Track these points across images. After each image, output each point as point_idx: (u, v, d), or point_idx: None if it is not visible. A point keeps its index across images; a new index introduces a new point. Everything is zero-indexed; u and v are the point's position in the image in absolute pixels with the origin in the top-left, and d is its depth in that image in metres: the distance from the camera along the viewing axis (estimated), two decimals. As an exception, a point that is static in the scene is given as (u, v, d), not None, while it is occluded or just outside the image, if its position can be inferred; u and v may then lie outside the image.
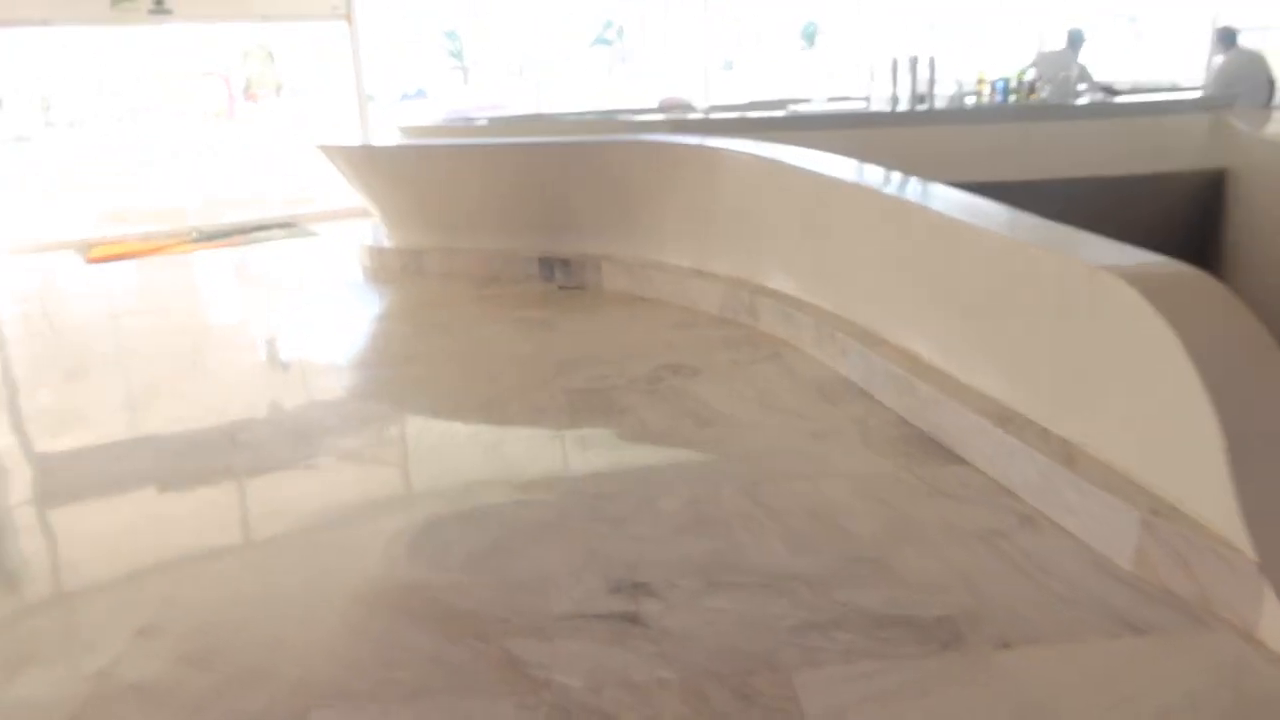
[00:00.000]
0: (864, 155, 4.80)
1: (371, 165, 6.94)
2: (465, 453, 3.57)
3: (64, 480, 3.51)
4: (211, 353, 5.30)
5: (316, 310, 6.13)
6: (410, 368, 4.67)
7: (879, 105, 7.06)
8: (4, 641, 2.45)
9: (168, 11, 8.89)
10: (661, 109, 8.84)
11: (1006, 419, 3.10)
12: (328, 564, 2.76)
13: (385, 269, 6.97)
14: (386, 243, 7.13)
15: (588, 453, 3.49)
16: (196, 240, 9.00)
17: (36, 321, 6.43)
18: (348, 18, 9.83)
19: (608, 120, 6.35)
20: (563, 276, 6.08)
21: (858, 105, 7.91)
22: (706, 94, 10.43)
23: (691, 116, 6.73)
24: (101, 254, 8.42)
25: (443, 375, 4.51)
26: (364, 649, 2.31)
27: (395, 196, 7.01)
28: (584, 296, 5.83)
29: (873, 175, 4.33)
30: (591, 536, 2.82)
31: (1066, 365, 2.95)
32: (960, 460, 3.23)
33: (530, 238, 6.31)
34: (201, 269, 7.79)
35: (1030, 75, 7.77)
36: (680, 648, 2.26)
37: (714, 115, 7.41)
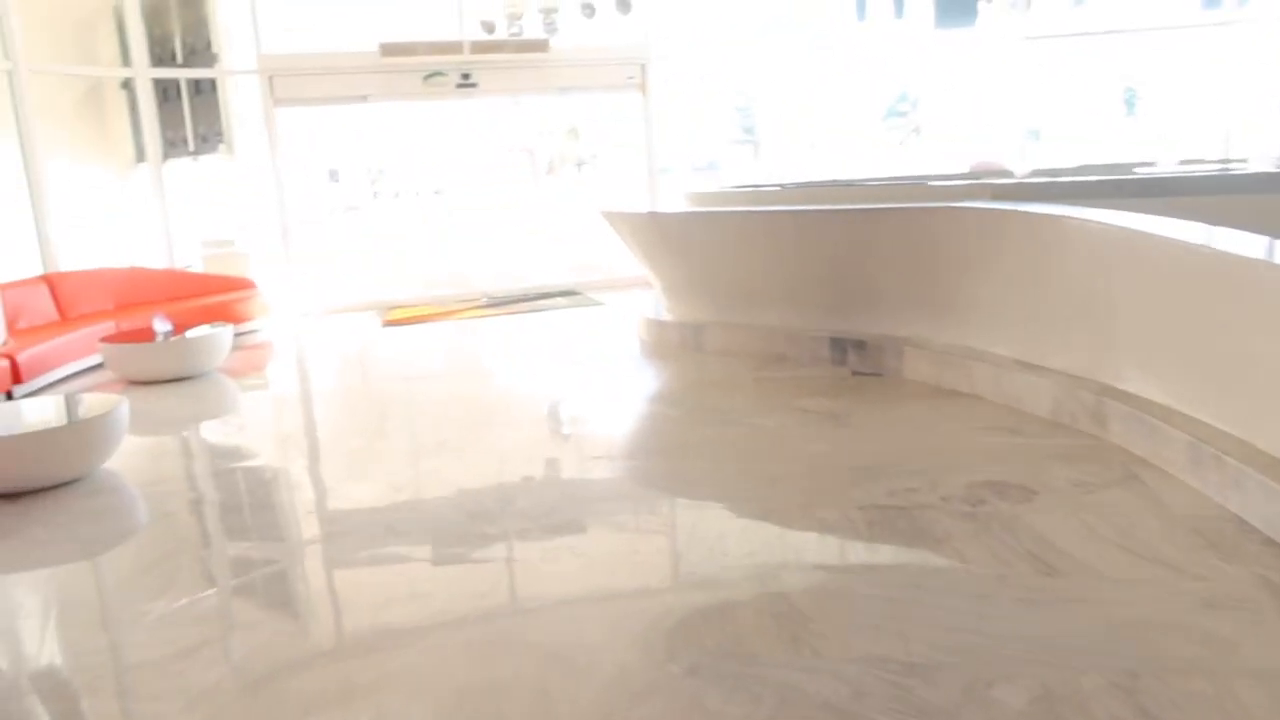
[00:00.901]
0: (1251, 227, 3.73)
1: (652, 232, 6.62)
2: (734, 581, 2.92)
3: (344, 531, 3.56)
4: (492, 420, 5.11)
5: (594, 385, 5.80)
6: (683, 460, 4.13)
7: (1264, 165, 5.79)
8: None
9: (473, 85, 9.20)
10: (973, 174, 7.93)
11: None
12: (587, 638, 2.54)
13: (663, 343, 6.57)
14: (666, 315, 6.75)
15: (891, 600, 2.73)
16: (486, 306, 9.13)
17: (337, 382, 6.59)
18: (641, 87, 9.76)
19: (915, 185, 5.62)
20: (857, 361, 5.36)
21: (1218, 168, 6.61)
22: (1022, 159, 9.38)
23: (1009, 181, 5.82)
24: (397, 317, 8.71)
25: (718, 472, 3.92)
26: None
27: (675, 265, 6.62)
28: (881, 386, 5.07)
29: (1286, 251, 3.29)
30: (900, 735, 2.07)
31: None
32: None
33: (820, 315, 5.65)
34: (488, 335, 7.80)
35: None
36: None
37: (1038, 180, 6.43)
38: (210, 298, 8.30)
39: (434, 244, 17.20)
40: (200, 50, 9.39)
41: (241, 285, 8.72)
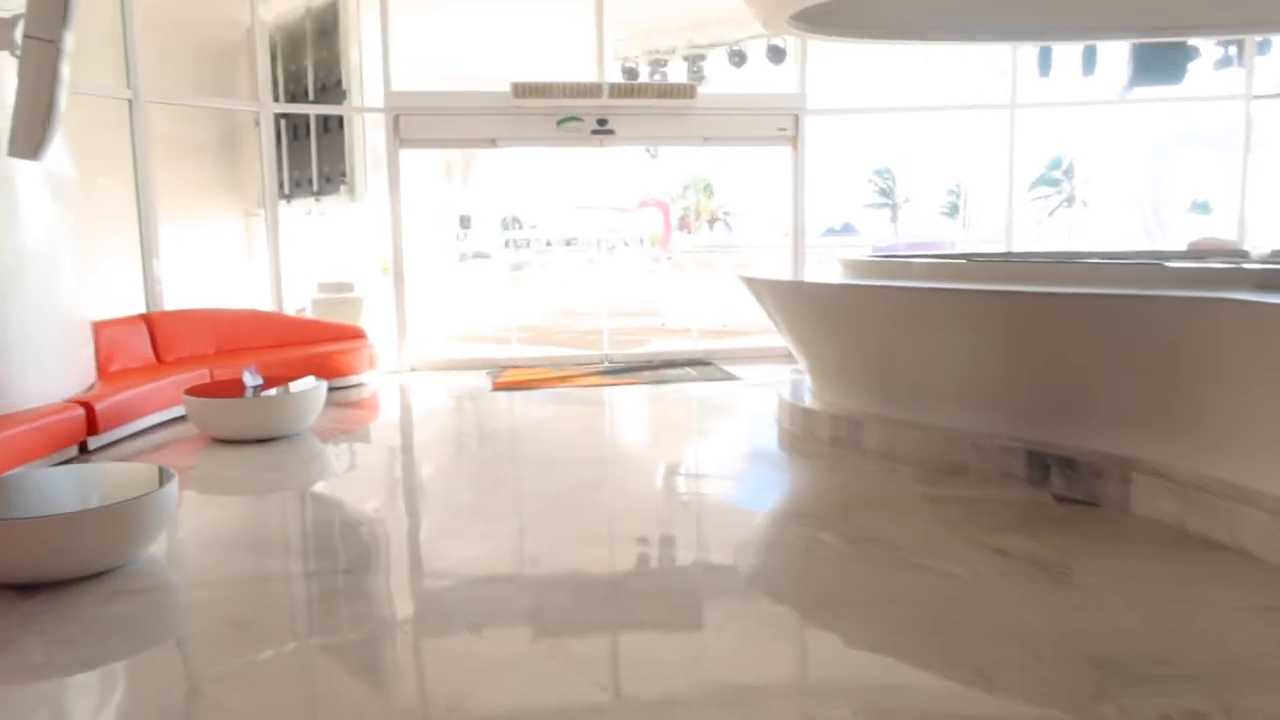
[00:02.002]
0: None
1: (802, 304, 5.66)
2: None
3: (444, 605, 3.32)
4: (605, 498, 4.52)
5: (723, 481, 4.85)
6: (841, 618, 3.10)
7: None
8: None
9: (610, 132, 8.49)
10: (1195, 253, 6.67)
11: None
12: None
13: (809, 436, 5.56)
14: (812, 402, 5.75)
15: None
16: (606, 372, 8.32)
17: (433, 458, 5.83)
18: (793, 141, 8.88)
19: (1148, 266, 4.49)
20: (1063, 484, 4.24)
21: None
22: (1244, 236, 8.05)
23: (1256, 266, 4.61)
24: (510, 380, 7.97)
25: (894, 642, 2.88)
26: None
27: (829, 345, 5.64)
28: (1100, 522, 3.94)
29: None
30: None
31: None
32: None
33: (1014, 420, 4.57)
34: (607, 408, 6.95)
35: None
36: None
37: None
38: (317, 346, 7.75)
39: (555, 299, 16.67)
40: (331, 87, 9.03)
41: (350, 334, 8.15)
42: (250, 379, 6.00)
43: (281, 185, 10.16)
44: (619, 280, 18.80)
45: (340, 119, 9.01)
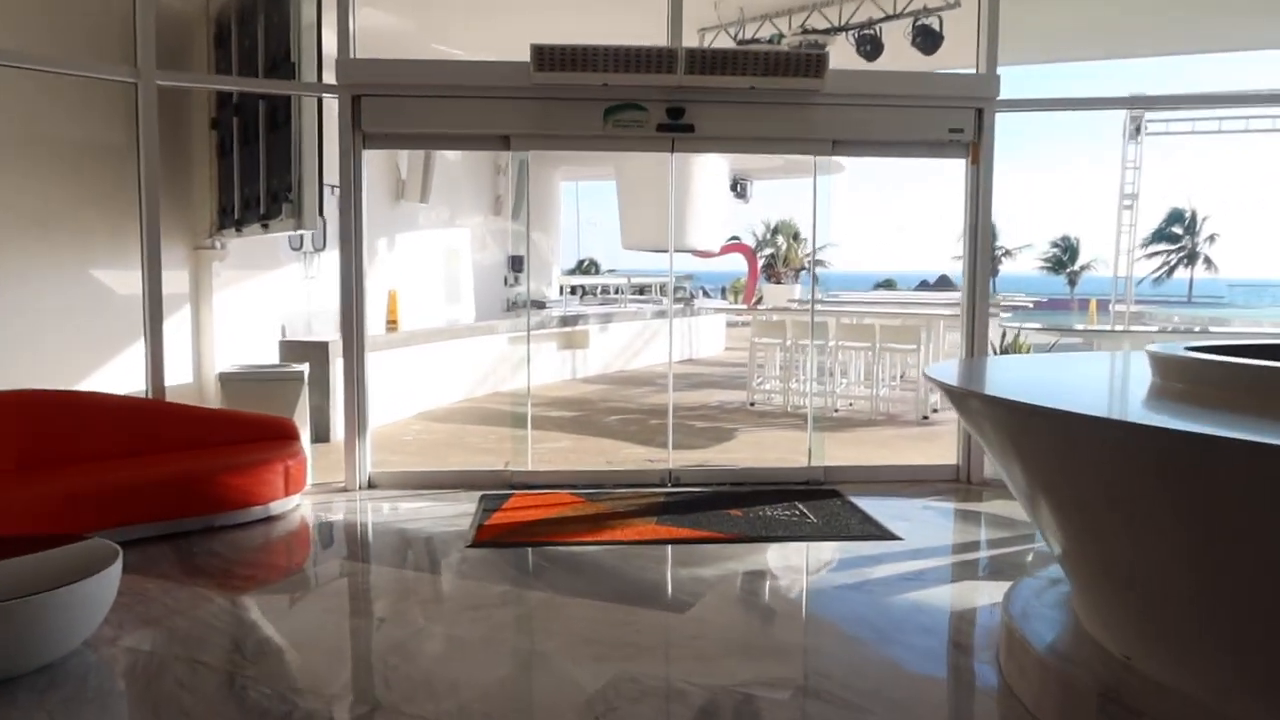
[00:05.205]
0: None
1: (1116, 459, 2.44)
2: None
3: None
4: None
5: None
6: None
7: None
8: None
9: (686, 128, 5.40)
10: None
11: None
12: None
13: (1064, 711, 2.32)
14: (1072, 641, 2.52)
15: None
16: (664, 509, 5.15)
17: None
18: (974, 150, 5.67)
19: None
20: None
21: None
22: None
23: None
24: (505, 520, 4.86)
25: None
26: None
27: (1164, 546, 2.41)
28: None
29: None
30: None
31: None
32: None
33: None
34: (658, 621, 3.77)
35: None
36: None
37: None
38: (203, 451, 4.80)
39: (615, 359, 13.51)
40: (281, 61, 6.18)
41: (267, 432, 5.17)
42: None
43: (228, 208, 7.31)
44: (695, 337, 15.64)
45: (286, 107, 6.16)
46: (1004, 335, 6.56)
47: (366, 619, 3.60)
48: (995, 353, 6.11)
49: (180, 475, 4.54)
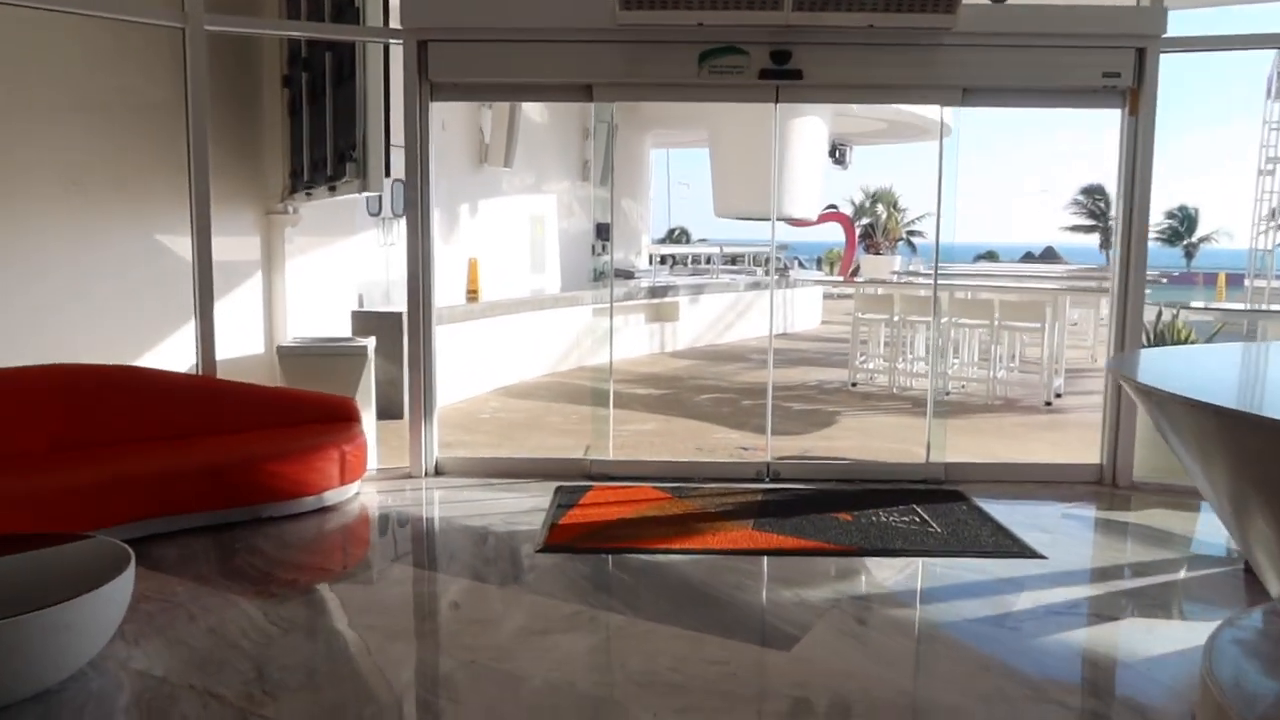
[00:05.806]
0: None
1: None
2: None
3: None
4: None
5: None
6: None
7: None
8: None
9: (793, 74, 4.70)
10: None
11: None
12: None
13: None
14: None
15: None
16: (761, 510, 4.52)
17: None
18: (1133, 97, 4.84)
19: None
20: None
21: None
22: None
23: None
24: (583, 518, 4.31)
25: None
26: None
27: None
28: None
29: None
30: None
31: None
32: None
33: None
34: (756, 655, 3.18)
35: None
36: None
37: None
38: (249, 436, 4.37)
39: (707, 333, 12.83)
40: (345, 8, 5.69)
41: (323, 412, 4.72)
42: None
43: (298, 171, 6.90)
44: (790, 310, 14.85)
45: (352, 59, 5.66)
46: (1159, 315, 5.70)
47: (408, 643, 3.08)
48: (1149, 339, 5.27)
49: (224, 461, 4.11)
